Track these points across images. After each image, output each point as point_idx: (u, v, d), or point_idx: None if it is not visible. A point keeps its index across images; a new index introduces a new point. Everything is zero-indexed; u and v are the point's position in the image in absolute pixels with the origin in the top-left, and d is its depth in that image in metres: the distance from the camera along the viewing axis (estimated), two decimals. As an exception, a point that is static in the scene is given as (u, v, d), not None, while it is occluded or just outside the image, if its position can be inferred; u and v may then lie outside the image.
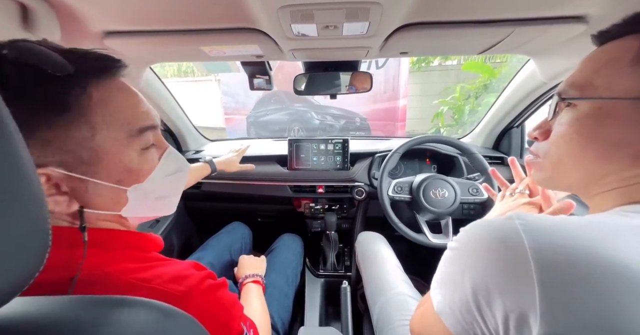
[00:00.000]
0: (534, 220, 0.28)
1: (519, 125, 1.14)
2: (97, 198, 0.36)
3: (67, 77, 0.31)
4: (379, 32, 0.59)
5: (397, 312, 0.72)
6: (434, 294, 0.36)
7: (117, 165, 0.35)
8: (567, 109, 0.35)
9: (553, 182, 0.40)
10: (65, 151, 0.32)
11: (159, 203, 0.43)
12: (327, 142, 1.18)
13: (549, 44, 0.62)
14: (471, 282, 0.29)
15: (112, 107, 0.35)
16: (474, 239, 0.32)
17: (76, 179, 0.33)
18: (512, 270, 0.27)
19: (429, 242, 0.94)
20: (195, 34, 0.61)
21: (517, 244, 0.27)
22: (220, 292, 0.42)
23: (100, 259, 0.35)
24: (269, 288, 0.85)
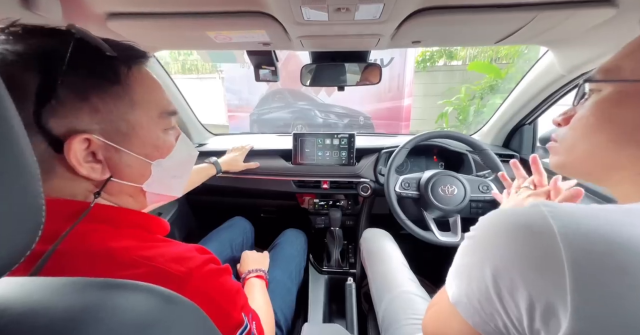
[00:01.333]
0: (562, 207, 0.27)
1: (531, 123, 1.11)
2: (126, 168, 0.39)
3: (115, 58, 0.36)
4: (393, 16, 0.56)
5: (403, 310, 0.70)
6: (449, 286, 0.34)
7: (147, 140, 0.40)
8: (592, 95, 0.34)
9: (569, 167, 0.38)
10: (109, 121, 0.36)
11: (173, 182, 0.46)
12: (333, 136, 1.16)
13: (571, 32, 0.59)
14: (492, 269, 0.28)
15: (147, 87, 0.40)
16: (495, 226, 0.30)
17: (112, 148, 0.37)
18: (538, 257, 0.25)
19: (437, 240, 0.91)
20: (201, 18, 0.59)
21: (545, 229, 0.25)
22: (222, 277, 0.41)
23: (105, 234, 0.36)
24: (272, 283, 0.83)
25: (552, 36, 0.62)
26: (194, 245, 0.43)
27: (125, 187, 0.40)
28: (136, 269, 0.33)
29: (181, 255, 0.37)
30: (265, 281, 0.79)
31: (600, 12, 0.51)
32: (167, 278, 0.34)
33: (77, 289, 0.22)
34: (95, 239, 0.34)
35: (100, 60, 0.35)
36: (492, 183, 0.96)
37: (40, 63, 0.31)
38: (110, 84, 0.36)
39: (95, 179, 0.36)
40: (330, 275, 1.12)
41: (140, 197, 0.43)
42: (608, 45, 0.61)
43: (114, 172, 0.38)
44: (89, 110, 0.34)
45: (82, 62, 0.33)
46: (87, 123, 0.34)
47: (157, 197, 0.46)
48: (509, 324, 0.27)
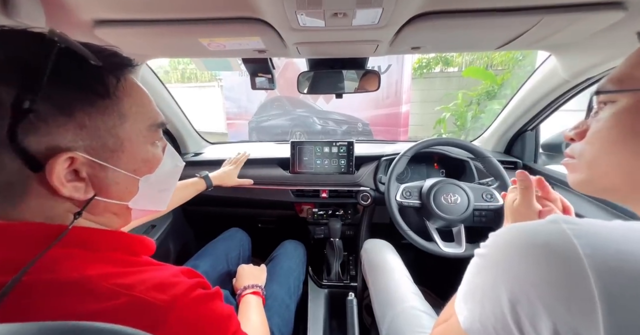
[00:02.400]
0: (584, 223, 0.25)
1: (533, 129, 1.08)
2: (113, 186, 0.36)
3: (101, 67, 0.33)
4: (392, 21, 0.54)
5: (408, 327, 0.67)
6: (460, 309, 0.32)
7: (136, 155, 0.37)
8: (606, 106, 0.33)
9: (591, 184, 0.36)
10: (96, 137, 0.33)
11: (159, 196, 0.44)
12: (331, 144, 1.14)
13: (577, 36, 0.57)
14: (508, 293, 0.25)
15: (136, 99, 0.37)
16: (510, 244, 0.28)
17: (97, 165, 0.34)
18: (563, 283, 0.23)
19: (440, 251, 0.88)
20: (193, 24, 0.57)
21: (568, 251, 0.23)
22: (212, 303, 0.37)
23: (80, 260, 0.32)
24: (269, 300, 0.80)
25: (557, 41, 0.60)
26: (180, 268, 0.40)
27: (111, 205, 0.37)
28: (114, 300, 0.30)
29: (165, 281, 0.34)
30: (262, 297, 0.76)
31: (608, 16, 0.49)
32: (147, 309, 0.31)
33: None
34: (68, 266, 0.31)
35: (85, 70, 0.32)
36: (495, 191, 0.93)
37: (17, 74, 0.28)
38: (98, 98, 0.33)
39: (78, 198, 0.33)
40: (330, 290, 1.08)
41: (125, 214, 0.41)
42: (614, 50, 0.59)
43: (98, 190, 0.35)
44: (74, 127, 0.31)
45: (66, 73, 0.31)
46: (70, 140, 0.31)
47: (142, 212, 0.43)
48: None
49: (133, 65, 0.38)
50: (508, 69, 4.58)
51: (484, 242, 0.32)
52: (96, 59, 0.32)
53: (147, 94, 0.39)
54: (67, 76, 0.31)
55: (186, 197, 0.92)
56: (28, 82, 0.28)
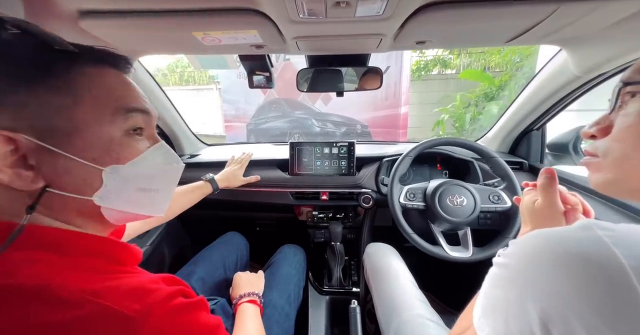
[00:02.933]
0: (622, 230, 0.23)
1: (539, 128, 1.05)
2: (65, 176, 0.32)
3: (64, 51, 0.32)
4: (397, 12, 0.51)
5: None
6: (480, 325, 0.29)
7: (95, 141, 0.33)
8: (634, 99, 0.31)
9: (618, 184, 0.33)
10: (41, 117, 0.30)
11: (142, 196, 0.38)
12: (332, 145, 1.10)
13: (592, 27, 0.54)
14: (538, 310, 0.23)
15: (104, 83, 0.34)
16: (537, 253, 0.26)
17: (46, 151, 0.30)
18: (607, 300, 0.20)
19: (447, 255, 0.84)
20: (186, 16, 0.53)
21: (609, 262, 0.21)
22: (194, 314, 0.33)
23: (47, 265, 0.29)
24: (268, 308, 0.75)
25: (569, 33, 0.57)
26: (161, 275, 0.36)
27: (70, 200, 0.33)
28: (78, 310, 0.26)
29: (140, 287, 0.31)
30: (260, 306, 0.71)
31: (629, 4, 0.46)
32: (116, 320, 0.27)
33: None
34: (30, 270, 0.27)
35: (37, 49, 0.30)
36: (503, 192, 0.89)
37: None
38: (44, 75, 0.30)
39: (23, 188, 0.30)
40: (332, 296, 1.03)
41: (95, 215, 0.36)
42: (631, 42, 0.56)
43: (51, 180, 0.31)
44: (14, 104, 0.29)
45: (12, 51, 0.29)
46: (10, 119, 0.29)
47: (121, 215, 0.37)
48: None
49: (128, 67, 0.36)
50: (506, 71, 4.60)
51: (503, 251, 0.30)
52: (66, 44, 0.32)
53: (123, 79, 0.36)
54: (10, 53, 0.29)
55: (191, 202, 0.89)
56: None
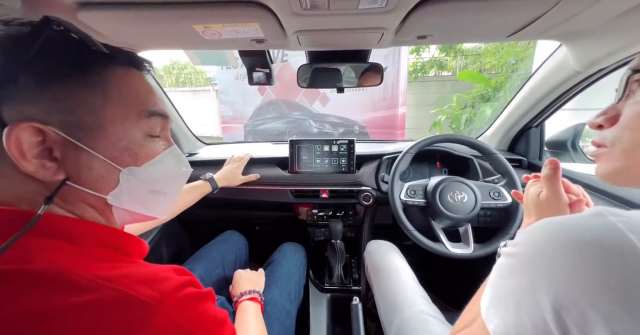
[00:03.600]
0: (636, 216, 0.23)
1: (538, 125, 1.06)
2: (86, 170, 0.33)
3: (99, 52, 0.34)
4: (400, 4, 0.51)
5: (418, 333, 0.63)
6: (488, 315, 0.29)
7: (118, 141, 0.34)
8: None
9: (628, 174, 0.33)
10: (72, 113, 0.31)
11: (152, 198, 0.39)
12: (332, 143, 1.10)
13: (594, 21, 0.54)
14: (551, 299, 0.23)
15: (131, 85, 0.36)
16: (548, 241, 0.25)
17: (72, 145, 0.32)
18: (624, 286, 0.20)
19: (448, 252, 0.84)
20: (186, 8, 0.53)
21: (624, 247, 0.21)
22: (203, 304, 0.34)
23: (59, 252, 0.30)
24: (269, 306, 0.74)
25: (570, 28, 0.58)
26: (171, 266, 0.36)
27: (86, 195, 0.34)
28: (92, 294, 0.26)
29: (153, 276, 0.31)
30: (261, 304, 0.71)
31: None
32: (131, 305, 0.27)
33: None
34: (45, 257, 0.28)
35: (76, 49, 0.32)
36: (503, 189, 0.90)
37: (5, 46, 0.29)
38: (79, 73, 0.32)
39: (45, 179, 0.31)
40: (332, 294, 1.02)
41: (106, 212, 0.36)
42: (632, 35, 0.56)
43: (71, 174, 0.32)
44: (49, 98, 0.30)
45: (53, 49, 0.31)
46: (44, 112, 0.30)
47: (129, 215, 0.38)
48: None
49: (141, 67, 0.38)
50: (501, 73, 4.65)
51: (511, 240, 0.29)
52: (100, 46, 0.34)
53: (149, 85, 0.38)
54: (52, 51, 0.30)
55: (191, 201, 0.89)
56: (14, 54, 0.29)
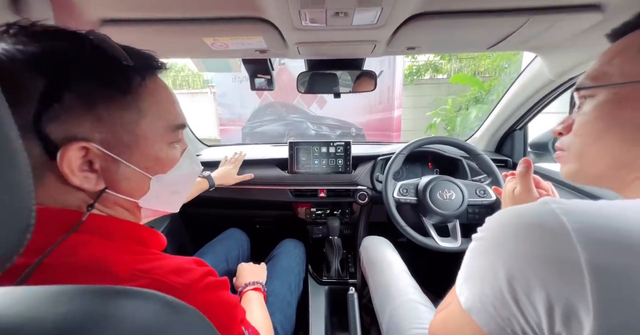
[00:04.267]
0: (571, 203, 0.27)
1: (521, 128, 1.13)
2: (123, 181, 0.37)
3: (130, 66, 0.35)
4: (390, 21, 0.57)
5: (407, 320, 0.68)
6: (461, 290, 0.33)
7: (149, 153, 0.38)
8: (587, 101, 0.36)
9: (582, 174, 0.38)
10: (112, 131, 0.34)
11: (172, 198, 0.44)
12: (329, 145, 1.16)
13: (561, 36, 0.62)
14: (505, 272, 0.27)
15: (159, 99, 0.38)
16: (505, 226, 0.29)
17: (110, 158, 0.35)
18: (554, 257, 0.24)
19: (437, 246, 0.90)
20: (198, 24, 0.59)
21: (557, 227, 0.25)
22: (221, 291, 0.39)
23: (98, 246, 0.33)
24: (271, 297, 0.80)
25: (542, 41, 0.65)
26: (191, 258, 0.41)
27: (121, 200, 0.38)
28: (134, 282, 0.31)
29: (180, 267, 0.35)
30: (264, 294, 0.76)
31: (588, 17, 0.53)
32: (166, 290, 0.32)
33: (69, 297, 0.19)
34: (87, 251, 0.32)
35: (114, 68, 0.34)
36: (488, 187, 0.96)
37: (49, 66, 0.30)
38: (120, 94, 0.34)
39: (88, 189, 0.34)
40: (330, 286, 1.08)
41: (135, 211, 0.41)
42: (596, 49, 0.63)
43: (109, 183, 0.36)
44: (93, 119, 0.33)
45: (95, 69, 0.33)
46: (88, 131, 0.33)
47: (153, 212, 0.43)
48: (527, 329, 0.26)
49: (162, 68, 0.40)
50: (494, 76, 4.76)
51: (480, 227, 0.34)
52: (128, 58, 0.34)
53: (172, 95, 0.40)
54: (94, 71, 0.32)
55: (190, 196, 0.93)
56: (58, 73, 0.30)
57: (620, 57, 0.33)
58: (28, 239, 0.18)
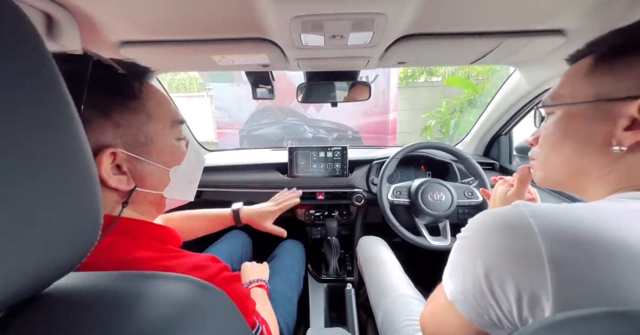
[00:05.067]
0: (538, 207, 0.31)
1: (506, 133, 1.21)
2: (149, 177, 0.42)
3: (126, 75, 0.39)
4: (381, 42, 0.64)
5: (400, 313, 0.73)
6: (446, 284, 0.37)
7: (163, 148, 0.43)
8: (549, 117, 0.41)
9: (548, 180, 0.44)
10: (129, 134, 0.39)
11: (188, 187, 0.49)
12: (327, 149, 1.22)
13: (533, 54, 0.69)
14: (483, 267, 0.30)
15: (158, 99, 0.43)
16: (483, 227, 0.33)
17: (134, 159, 0.40)
18: (522, 252, 0.28)
19: (428, 244, 0.96)
20: (208, 44, 0.65)
21: (525, 227, 0.29)
22: (235, 284, 0.44)
23: (127, 245, 0.38)
24: (273, 293, 0.84)
25: (518, 58, 0.72)
26: (206, 255, 0.45)
27: (149, 195, 0.43)
28: None
29: (198, 264, 0.40)
30: (267, 291, 0.81)
31: (553, 40, 0.60)
32: None
33: (133, 279, 0.25)
34: (119, 249, 0.37)
35: (116, 79, 0.38)
36: (475, 189, 1.03)
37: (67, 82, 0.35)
38: (129, 100, 0.39)
39: (122, 189, 0.39)
40: (329, 284, 1.14)
41: (160, 204, 0.46)
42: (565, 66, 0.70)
43: (137, 182, 0.41)
44: (112, 126, 0.37)
45: (101, 82, 0.36)
46: (111, 138, 0.37)
47: (173, 202, 0.48)
48: (501, 316, 0.30)
49: (151, 72, 0.44)
50: (487, 79, 4.87)
51: (464, 227, 0.37)
52: (120, 68, 0.39)
53: (166, 95, 0.45)
54: (103, 84, 0.36)
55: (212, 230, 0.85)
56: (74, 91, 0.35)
57: (571, 80, 0.38)
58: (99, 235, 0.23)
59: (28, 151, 0.17)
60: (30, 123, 0.17)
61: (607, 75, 0.34)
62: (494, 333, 0.33)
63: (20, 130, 0.16)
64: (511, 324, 0.30)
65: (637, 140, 0.31)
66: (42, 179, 0.17)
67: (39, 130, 0.17)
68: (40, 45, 0.18)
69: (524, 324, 0.29)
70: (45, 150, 0.18)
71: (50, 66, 0.19)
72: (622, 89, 0.32)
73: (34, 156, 0.17)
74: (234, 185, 1.17)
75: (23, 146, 0.16)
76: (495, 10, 0.52)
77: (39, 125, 0.17)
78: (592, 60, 0.36)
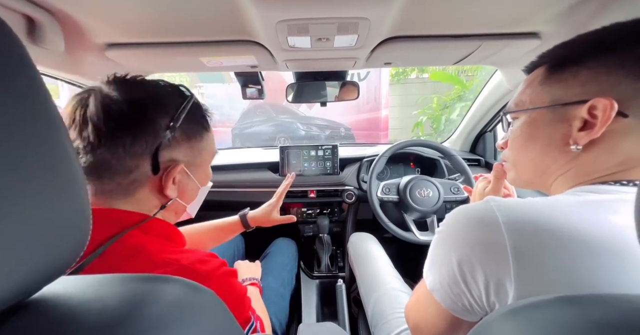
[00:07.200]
0: (505, 201, 0.33)
1: (491, 130, 1.24)
2: (189, 191, 0.49)
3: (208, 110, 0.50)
4: (366, 44, 0.65)
5: (390, 306, 0.75)
6: (426, 276, 0.40)
7: (205, 171, 0.52)
8: (514, 121, 0.44)
9: (518, 179, 0.47)
10: (193, 156, 0.47)
11: (198, 204, 0.56)
12: (317, 148, 1.24)
13: (511, 56, 0.72)
14: (456, 258, 0.33)
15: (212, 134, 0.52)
16: (457, 221, 0.36)
17: (187, 175, 0.47)
18: (489, 243, 0.31)
19: (416, 239, 0.99)
20: (195, 46, 0.65)
21: (492, 220, 0.31)
22: (232, 278, 0.46)
23: (139, 238, 0.42)
24: (265, 291, 0.86)
25: (498, 59, 0.75)
26: (206, 252, 0.47)
27: (179, 206, 0.49)
28: (167, 267, 0.39)
29: (201, 258, 0.43)
30: (260, 288, 0.83)
31: (528, 43, 0.63)
32: (192, 275, 0.39)
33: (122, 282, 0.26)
34: (132, 242, 0.40)
35: (201, 112, 0.48)
36: (461, 185, 1.06)
37: (170, 110, 0.42)
38: (205, 130, 0.48)
39: (169, 197, 0.45)
40: (321, 280, 1.16)
41: (179, 214, 0.52)
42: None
43: (179, 193, 0.47)
44: (188, 147, 0.45)
45: (192, 112, 0.45)
46: (182, 156, 0.45)
47: (185, 215, 0.54)
48: (473, 302, 0.33)
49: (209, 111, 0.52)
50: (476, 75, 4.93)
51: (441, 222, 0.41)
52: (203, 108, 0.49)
53: None
54: (192, 114, 0.45)
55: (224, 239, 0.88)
56: (174, 116, 0.42)
57: (530, 88, 0.40)
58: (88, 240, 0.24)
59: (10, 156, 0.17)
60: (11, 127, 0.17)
61: (558, 83, 0.37)
62: (467, 318, 0.36)
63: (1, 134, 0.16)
64: (481, 309, 0.33)
65: (591, 139, 0.34)
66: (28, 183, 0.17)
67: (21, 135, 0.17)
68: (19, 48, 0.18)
69: (492, 308, 0.32)
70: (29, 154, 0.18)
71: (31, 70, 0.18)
72: (572, 94, 0.36)
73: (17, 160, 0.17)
74: (226, 185, 1.18)
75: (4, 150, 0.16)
76: (473, 14, 0.55)
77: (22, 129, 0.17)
78: (544, 70, 0.39)
